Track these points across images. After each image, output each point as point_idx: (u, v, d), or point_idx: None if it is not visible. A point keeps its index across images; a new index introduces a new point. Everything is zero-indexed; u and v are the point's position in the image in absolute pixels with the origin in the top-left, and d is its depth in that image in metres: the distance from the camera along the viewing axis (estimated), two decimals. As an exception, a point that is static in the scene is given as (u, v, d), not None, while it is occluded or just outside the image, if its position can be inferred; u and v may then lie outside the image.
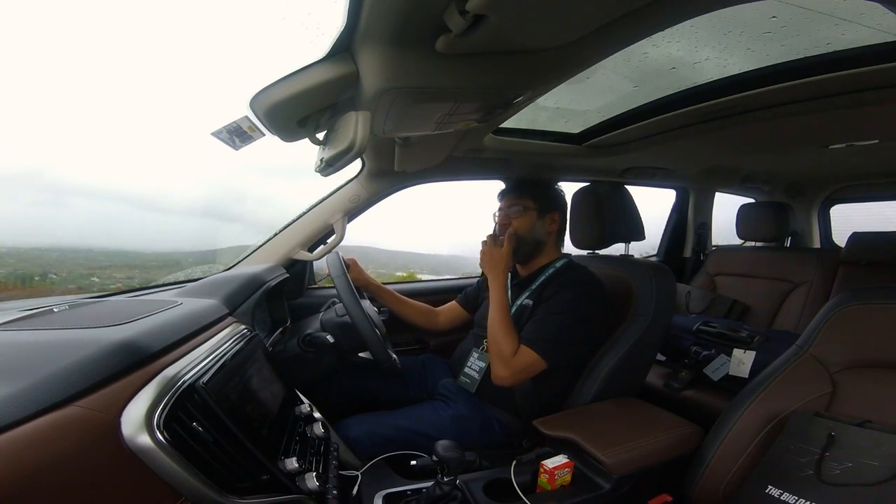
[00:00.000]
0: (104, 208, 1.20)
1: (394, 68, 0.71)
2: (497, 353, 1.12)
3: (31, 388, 0.45)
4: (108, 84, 1.38)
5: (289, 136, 0.96)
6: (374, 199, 1.55)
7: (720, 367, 1.58)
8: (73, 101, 1.23)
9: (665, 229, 2.52)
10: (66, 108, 1.18)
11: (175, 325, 0.70)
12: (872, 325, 0.87)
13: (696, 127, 1.28)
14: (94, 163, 1.16)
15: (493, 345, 1.14)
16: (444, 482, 0.78)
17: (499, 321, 1.14)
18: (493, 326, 1.15)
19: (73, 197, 1.25)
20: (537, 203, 1.28)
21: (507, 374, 1.09)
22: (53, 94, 1.11)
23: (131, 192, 1.29)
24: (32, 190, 1.22)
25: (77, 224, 1.20)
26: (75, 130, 1.21)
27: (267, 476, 0.62)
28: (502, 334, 1.12)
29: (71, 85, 1.14)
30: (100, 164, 1.16)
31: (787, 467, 0.77)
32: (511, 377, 1.10)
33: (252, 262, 1.45)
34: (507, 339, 1.11)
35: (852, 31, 0.82)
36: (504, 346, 1.11)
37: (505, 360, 1.10)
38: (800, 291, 1.90)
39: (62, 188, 1.20)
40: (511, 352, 1.10)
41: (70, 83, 1.14)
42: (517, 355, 1.10)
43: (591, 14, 0.61)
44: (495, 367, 1.12)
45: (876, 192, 2.28)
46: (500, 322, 1.14)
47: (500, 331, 1.13)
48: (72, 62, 1.13)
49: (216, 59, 1.25)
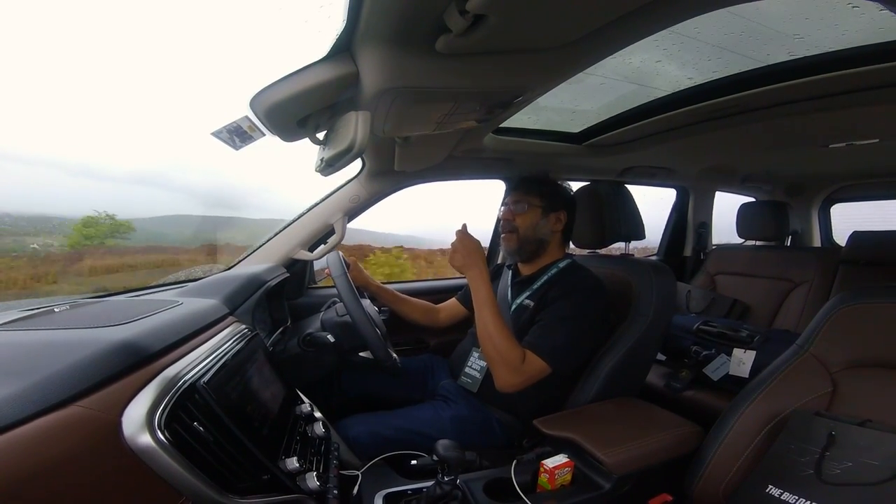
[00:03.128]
0: (32, 173, 1.19)
1: (394, 68, 0.71)
2: (502, 361, 1.03)
3: (31, 388, 0.46)
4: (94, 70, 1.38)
5: (289, 135, 0.96)
6: (374, 198, 1.55)
7: (720, 367, 1.59)
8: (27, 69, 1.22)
9: (665, 229, 2.52)
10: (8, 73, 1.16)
11: (175, 325, 0.70)
12: (873, 324, 0.87)
13: (696, 127, 1.28)
14: (27, 127, 1.13)
15: (492, 350, 1.04)
16: (444, 482, 0.78)
17: (492, 322, 1.05)
18: (485, 329, 1.05)
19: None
20: (543, 201, 1.25)
21: (518, 382, 1.04)
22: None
23: (65, 157, 1.27)
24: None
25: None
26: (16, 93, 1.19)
27: (267, 476, 0.62)
28: (502, 337, 1.04)
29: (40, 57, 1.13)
30: (32, 129, 1.13)
31: (787, 467, 0.77)
32: (521, 384, 1.04)
33: (252, 261, 1.45)
34: (509, 343, 1.04)
35: (852, 31, 0.82)
36: (509, 352, 1.03)
37: (514, 367, 1.03)
38: (800, 291, 1.90)
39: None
40: (519, 358, 1.03)
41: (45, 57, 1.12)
42: (527, 363, 1.04)
43: (591, 14, 0.61)
44: (501, 374, 1.04)
45: (876, 192, 2.28)
46: (494, 324, 1.05)
47: (497, 333, 1.04)
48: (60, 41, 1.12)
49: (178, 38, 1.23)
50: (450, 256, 1.15)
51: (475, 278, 1.10)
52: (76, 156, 1.28)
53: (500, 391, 1.07)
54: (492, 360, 1.06)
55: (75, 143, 1.26)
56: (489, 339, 1.05)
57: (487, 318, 1.06)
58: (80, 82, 1.24)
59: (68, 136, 1.24)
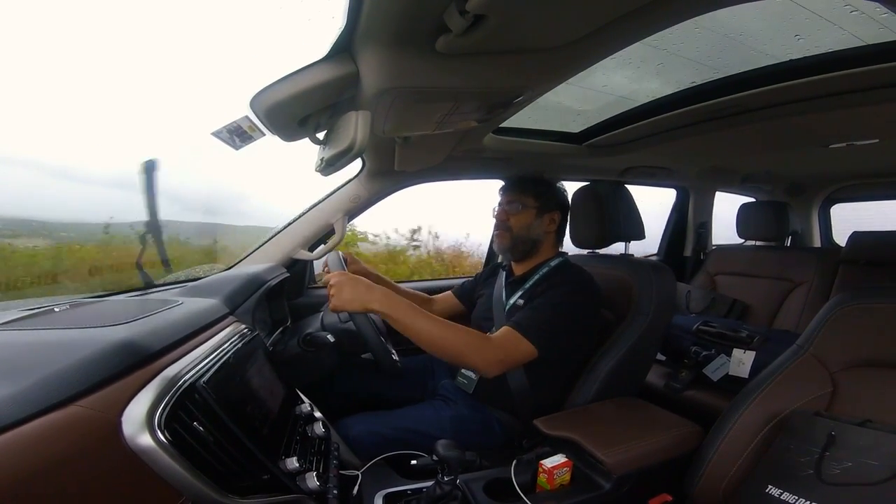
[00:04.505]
0: (12, 174, 1.17)
1: (394, 68, 0.71)
2: (466, 349, 0.95)
3: (31, 388, 0.45)
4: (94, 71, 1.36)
5: (289, 135, 0.96)
6: (374, 198, 1.55)
7: (720, 367, 1.59)
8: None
9: (665, 229, 2.52)
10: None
11: (175, 325, 0.70)
12: (873, 324, 0.87)
13: (696, 127, 1.28)
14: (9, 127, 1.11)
15: (452, 347, 0.94)
16: (444, 482, 0.78)
17: (430, 325, 0.93)
18: (430, 335, 0.93)
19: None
20: (537, 201, 1.26)
21: (495, 358, 0.96)
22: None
23: (47, 159, 1.26)
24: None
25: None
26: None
27: (267, 476, 0.62)
28: (448, 331, 0.95)
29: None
30: (15, 129, 1.11)
31: (787, 467, 0.77)
32: (502, 362, 0.97)
33: (252, 261, 1.45)
34: (458, 330, 0.96)
35: (852, 31, 0.82)
36: (465, 336, 0.95)
37: (480, 346, 0.96)
38: (800, 291, 1.90)
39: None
40: (478, 336, 0.97)
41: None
42: (503, 340, 0.98)
43: (591, 14, 0.61)
44: (475, 360, 0.96)
45: (876, 192, 2.28)
46: (433, 325, 0.94)
47: (442, 330, 0.94)
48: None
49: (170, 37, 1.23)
50: (332, 304, 0.93)
51: (381, 302, 0.92)
52: (56, 157, 1.27)
53: (488, 376, 1.00)
54: (460, 355, 0.96)
55: (56, 144, 1.25)
56: (442, 342, 0.94)
57: (426, 326, 0.94)
58: (69, 80, 1.23)
59: (49, 136, 1.23)
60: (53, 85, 1.22)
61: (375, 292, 0.93)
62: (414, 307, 0.95)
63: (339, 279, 0.93)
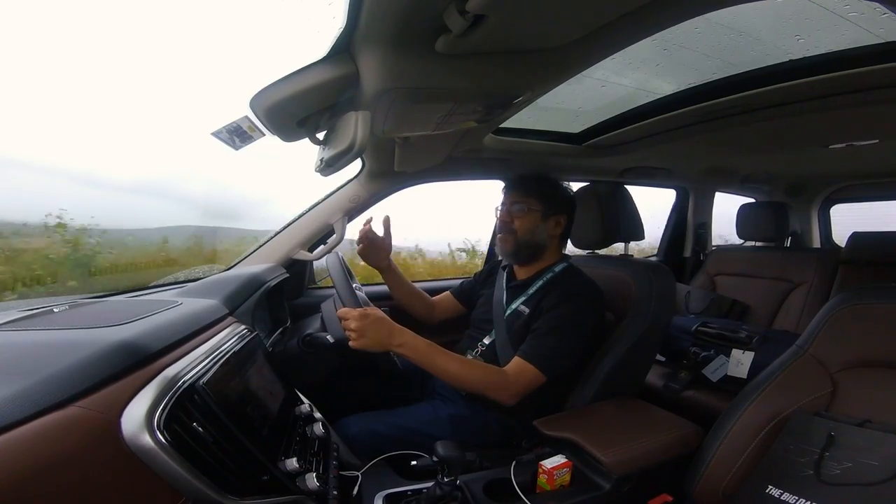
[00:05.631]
0: (41, 182, 1.19)
1: (393, 68, 0.71)
2: (487, 388, 1.02)
3: (31, 389, 0.45)
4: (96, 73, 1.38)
5: (289, 136, 0.96)
6: (374, 199, 1.55)
7: (719, 368, 1.59)
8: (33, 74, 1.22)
9: (665, 229, 2.52)
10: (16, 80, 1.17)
11: (175, 325, 0.70)
12: (872, 325, 0.87)
13: (696, 127, 1.28)
14: (36, 134, 1.13)
15: (472, 387, 1.03)
16: (444, 482, 0.78)
17: (453, 365, 1.01)
18: (454, 375, 1.01)
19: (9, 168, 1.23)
20: (543, 204, 1.22)
21: (513, 394, 1.04)
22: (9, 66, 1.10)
23: (73, 166, 1.28)
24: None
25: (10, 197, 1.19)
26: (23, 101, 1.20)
27: (267, 476, 0.62)
28: (472, 371, 1.03)
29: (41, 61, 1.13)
30: (41, 137, 1.14)
31: (786, 467, 0.77)
32: (519, 395, 1.04)
33: (252, 262, 1.45)
34: (482, 370, 1.04)
35: (852, 31, 0.82)
36: (487, 377, 1.03)
37: (501, 386, 1.03)
38: (800, 291, 1.90)
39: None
40: (499, 375, 1.04)
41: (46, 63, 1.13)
42: (519, 374, 1.04)
43: (591, 14, 0.61)
44: (494, 396, 1.03)
45: (876, 192, 2.28)
46: (456, 365, 1.01)
47: (466, 371, 1.02)
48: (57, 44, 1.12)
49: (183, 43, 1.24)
50: (352, 343, 0.95)
51: (403, 346, 0.98)
52: (80, 164, 1.29)
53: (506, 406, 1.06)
54: (480, 391, 1.04)
55: (79, 150, 1.27)
56: (463, 380, 1.03)
57: (446, 365, 1.01)
58: (83, 89, 1.24)
59: (72, 143, 1.25)
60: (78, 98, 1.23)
61: (396, 336, 0.98)
62: (433, 347, 1.01)
63: (360, 324, 0.95)
